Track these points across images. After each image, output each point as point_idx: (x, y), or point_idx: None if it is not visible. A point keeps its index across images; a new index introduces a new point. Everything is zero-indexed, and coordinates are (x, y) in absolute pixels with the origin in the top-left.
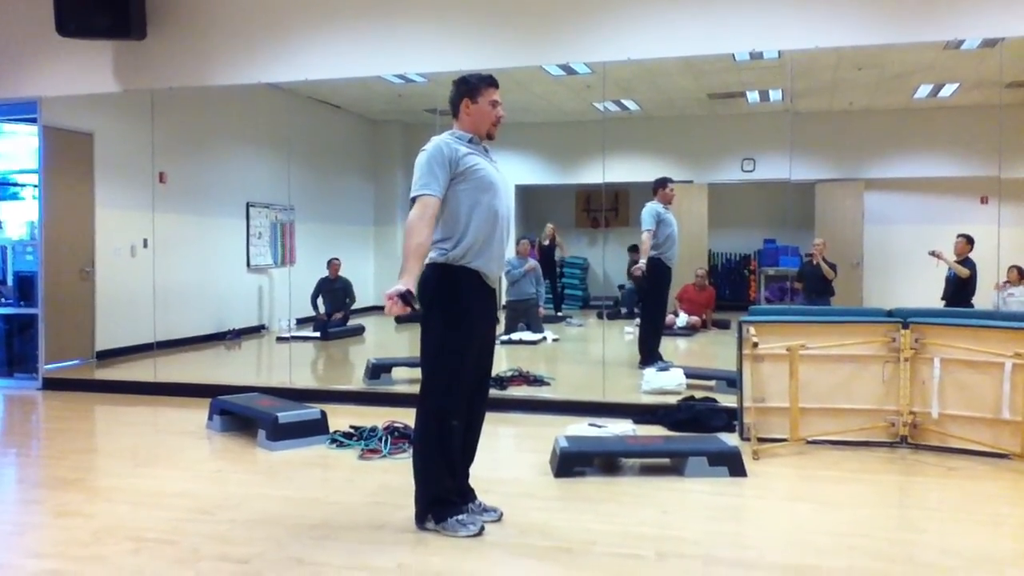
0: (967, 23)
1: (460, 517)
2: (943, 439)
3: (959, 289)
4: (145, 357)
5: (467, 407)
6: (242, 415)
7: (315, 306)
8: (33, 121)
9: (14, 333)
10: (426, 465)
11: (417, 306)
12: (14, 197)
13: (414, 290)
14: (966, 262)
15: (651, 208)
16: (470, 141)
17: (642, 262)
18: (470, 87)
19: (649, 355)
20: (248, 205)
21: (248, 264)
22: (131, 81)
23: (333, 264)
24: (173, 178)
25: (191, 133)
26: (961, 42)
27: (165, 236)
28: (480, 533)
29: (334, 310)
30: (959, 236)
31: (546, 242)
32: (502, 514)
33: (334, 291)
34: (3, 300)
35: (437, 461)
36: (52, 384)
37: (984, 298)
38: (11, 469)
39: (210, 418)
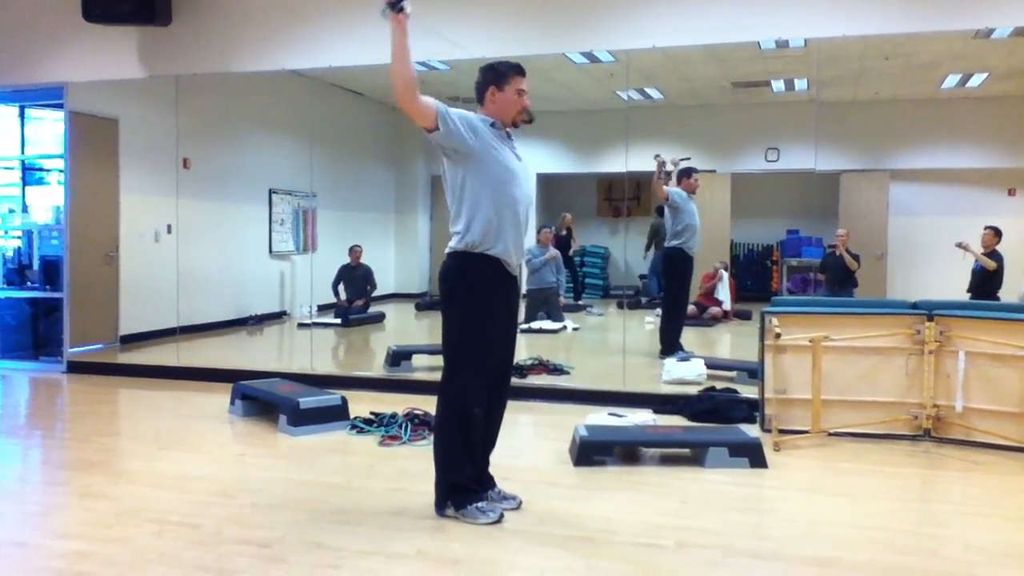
0: (998, 11)
1: (480, 504)
2: (967, 433)
3: (985, 281)
4: (168, 342)
5: (488, 394)
6: (264, 400)
7: (336, 293)
8: (59, 106)
9: (40, 317)
10: (447, 452)
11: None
12: (40, 182)
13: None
14: (993, 254)
15: (676, 190)
16: (492, 125)
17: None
18: (497, 75)
19: (670, 345)
20: (270, 192)
21: (270, 250)
22: (156, 67)
23: (355, 251)
24: (197, 164)
25: (215, 119)
26: (991, 31)
27: (188, 222)
28: (500, 520)
29: (355, 297)
30: (987, 228)
31: (563, 232)
32: (521, 502)
33: (355, 278)
34: (29, 284)
35: (458, 448)
36: (76, 368)
37: (1011, 291)
38: (36, 451)
39: (232, 403)
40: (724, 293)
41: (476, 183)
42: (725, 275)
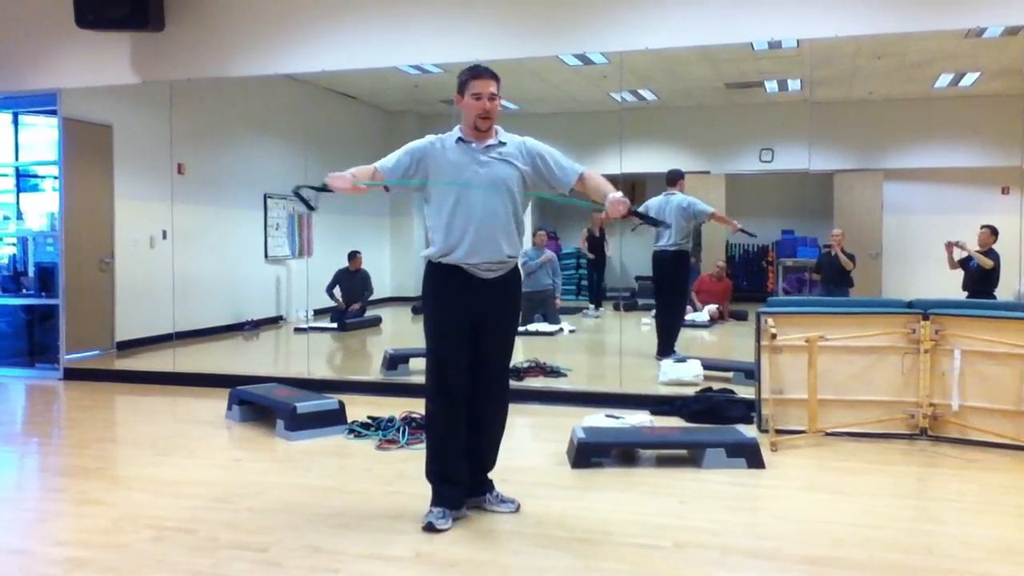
0: (989, 11)
1: (434, 509)
2: (963, 431)
3: (982, 280)
4: (164, 347)
5: (476, 399)
6: (261, 405)
7: (332, 296)
8: (53, 113)
9: (35, 323)
10: (425, 451)
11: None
12: (34, 189)
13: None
14: (990, 253)
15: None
16: (459, 140)
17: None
18: (459, 82)
19: (671, 344)
20: (266, 196)
21: (266, 255)
22: (149, 73)
23: (356, 258)
24: (192, 169)
25: (209, 124)
26: (983, 30)
27: (184, 227)
28: (426, 528)
29: (352, 299)
30: (983, 227)
31: (596, 233)
32: (519, 505)
33: (352, 282)
34: (24, 291)
35: (428, 446)
36: (73, 374)
37: (1007, 289)
38: (33, 458)
39: (229, 408)
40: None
41: (435, 200)
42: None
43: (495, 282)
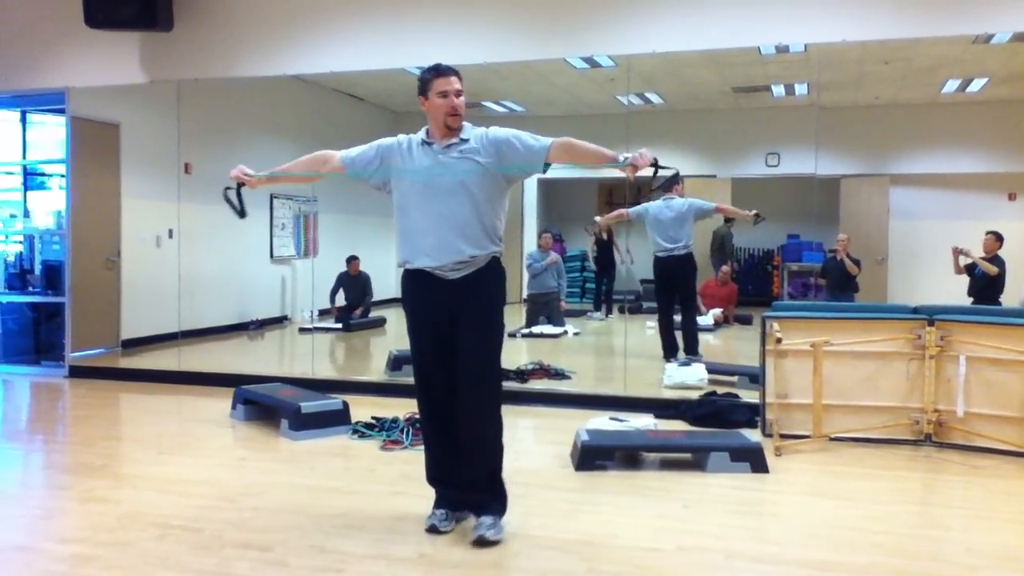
0: (997, 17)
1: (437, 511)
2: (968, 437)
3: (987, 286)
4: (170, 346)
5: (462, 405)
6: (265, 404)
7: (333, 301)
8: (61, 111)
9: (41, 321)
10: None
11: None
12: (42, 187)
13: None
14: (995, 259)
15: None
16: (423, 143)
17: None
18: (421, 83)
19: (695, 345)
20: (271, 196)
21: (271, 255)
22: (158, 72)
23: (353, 263)
24: (198, 169)
25: (216, 124)
26: (991, 36)
27: (190, 226)
28: (429, 530)
29: (354, 304)
30: (988, 233)
31: (604, 236)
32: (494, 543)
33: (353, 286)
34: (31, 288)
35: (424, 450)
36: (78, 372)
37: (1013, 296)
38: (38, 455)
39: (233, 407)
40: None
41: (395, 202)
42: None
43: (463, 281)
